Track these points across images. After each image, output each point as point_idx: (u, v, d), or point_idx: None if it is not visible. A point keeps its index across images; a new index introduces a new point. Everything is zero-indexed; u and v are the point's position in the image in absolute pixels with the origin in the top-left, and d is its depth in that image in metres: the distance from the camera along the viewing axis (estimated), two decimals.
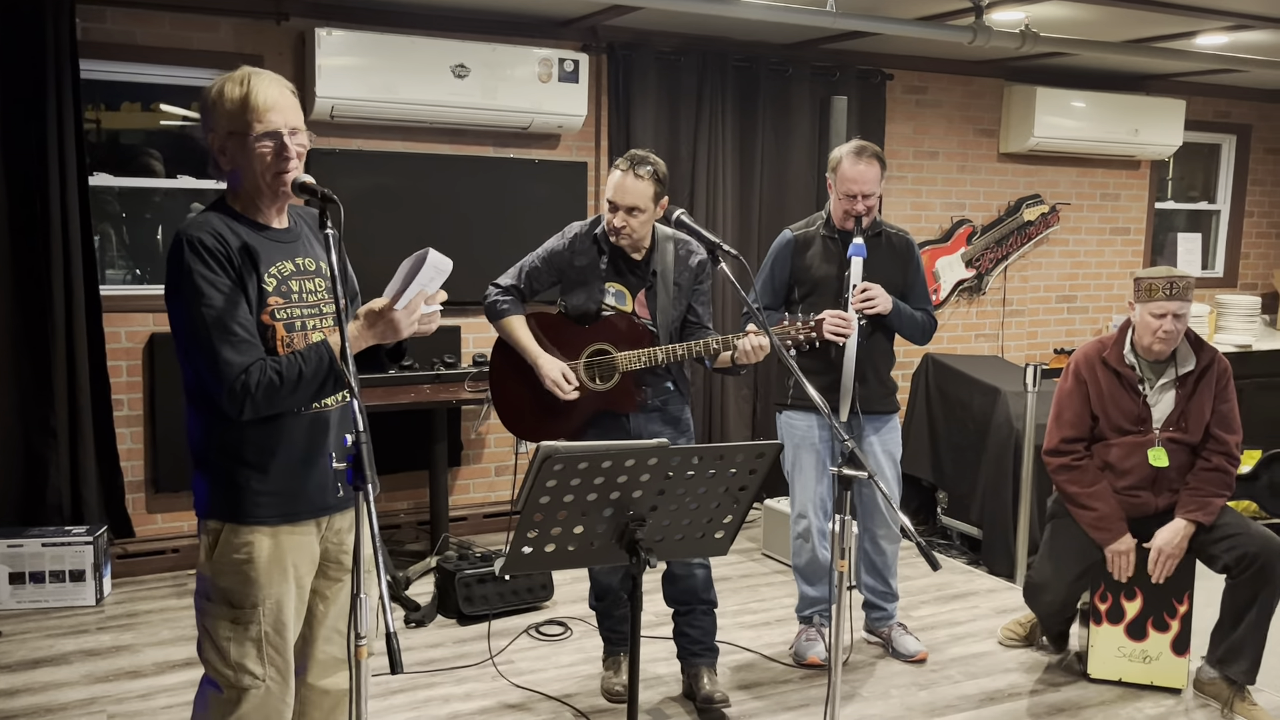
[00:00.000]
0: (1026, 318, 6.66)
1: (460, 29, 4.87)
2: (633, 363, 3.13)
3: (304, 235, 2.22)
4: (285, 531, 2.15)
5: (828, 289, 3.56)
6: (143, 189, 4.66)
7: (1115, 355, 3.49)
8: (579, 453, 1.97)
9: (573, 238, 3.25)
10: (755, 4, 4.48)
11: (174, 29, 4.47)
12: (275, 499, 2.13)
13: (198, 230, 2.05)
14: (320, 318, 2.17)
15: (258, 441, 2.11)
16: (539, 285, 3.28)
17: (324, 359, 2.04)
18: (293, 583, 2.17)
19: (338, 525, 2.25)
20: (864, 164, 3.47)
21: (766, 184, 5.62)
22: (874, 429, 3.66)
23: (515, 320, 3.23)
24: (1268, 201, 7.49)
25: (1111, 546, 3.44)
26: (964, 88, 6.22)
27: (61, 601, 4.15)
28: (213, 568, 2.13)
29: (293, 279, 2.14)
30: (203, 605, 2.17)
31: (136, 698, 3.41)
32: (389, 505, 5.04)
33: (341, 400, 2.21)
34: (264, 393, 2.01)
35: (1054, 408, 3.58)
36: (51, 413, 4.27)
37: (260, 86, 2.06)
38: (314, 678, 2.30)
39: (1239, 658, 3.37)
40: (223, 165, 2.10)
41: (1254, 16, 4.85)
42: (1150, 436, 3.44)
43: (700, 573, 3.32)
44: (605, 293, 3.20)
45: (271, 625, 2.14)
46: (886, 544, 3.79)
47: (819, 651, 3.71)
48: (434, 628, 4.02)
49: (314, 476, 2.17)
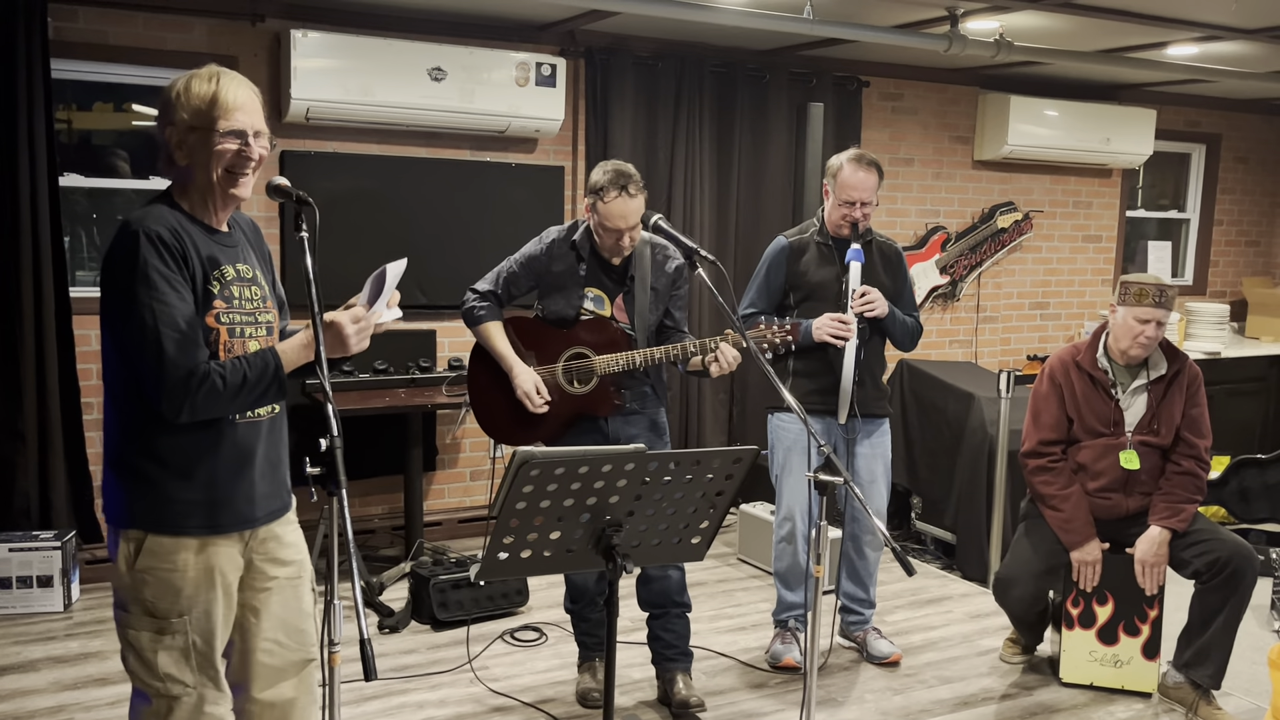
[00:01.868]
0: (1000, 324, 6.71)
1: (437, 32, 4.85)
2: (611, 366, 3.13)
3: (241, 241, 2.17)
4: (211, 542, 2.09)
5: (825, 294, 3.58)
6: (114, 190, 4.61)
7: (1088, 359, 3.53)
8: (556, 458, 1.97)
9: (550, 243, 3.25)
10: (733, 10, 4.50)
11: (147, 29, 4.43)
12: (201, 509, 2.06)
13: (154, 224, 2.00)
14: (255, 325, 2.13)
15: (185, 448, 2.04)
16: (517, 291, 3.28)
17: (269, 366, 2.00)
18: (220, 591, 2.10)
19: (262, 536, 2.19)
20: (864, 171, 3.52)
21: (743, 189, 5.63)
22: (868, 433, 3.68)
23: (492, 326, 3.23)
24: (1236, 210, 7.60)
25: (1077, 554, 3.47)
26: (939, 95, 6.27)
27: (29, 607, 4.09)
28: (133, 578, 2.06)
29: (234, 284, 2.10)
30: (122, 617, 2.09)
31: (105, 705, 3.37)
32: (363, 510, 5.01)
33: (274, 411, 2.16)
34: (205, 396, 1.96)
35: (1030, 410, 3.61)
36: (20, 416, 4.21)
37: (229, 85, 2.03)
38: (257, 691, 2.24)
39: (1206, 661, 3.41)
40: (178, 160, 2.05)
41: (1224, 28, 4.92)
42: (1122, 439, 3.48)
43: (675, 575, 3.32)
44: (584, 298, 3.20)
45: (199, 634, 2.09)
46: (870, 550, 3.81)
47: (794, 655, 3.72)
48: (408, 634, 3.99)
49: (241, 487, 2.11)
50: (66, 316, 4.27)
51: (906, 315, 3.67)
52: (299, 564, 2.27)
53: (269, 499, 2.18)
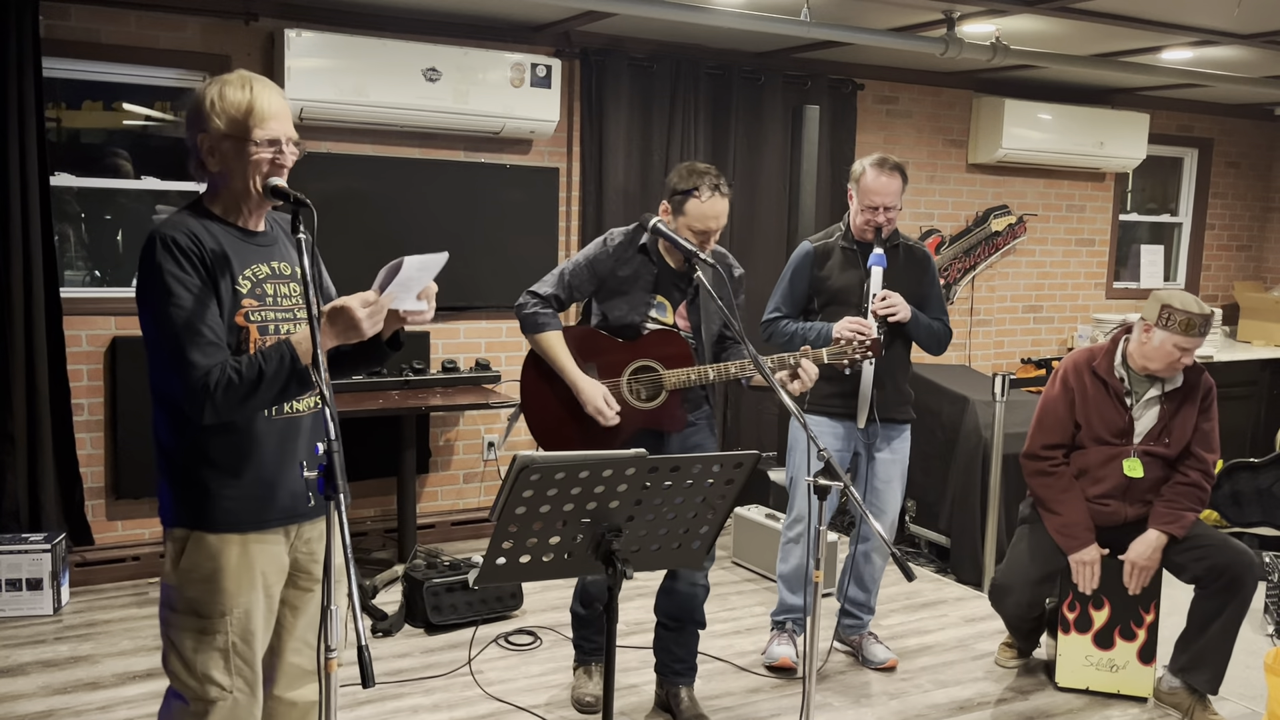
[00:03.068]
0: (993, 327, 6.72)
1: (432, 32, 4.83)
2: (682, 381, 3.04)
3: (280, 239, 2.20)
4: (254, 540, 2.11)
5: (848, 298, 3.57)
6: (103, 189, 4.58)
7: (1105, 365, 3.49)
8: (556, 462, 1.95)
9: (616, 245, 3.12)
10: (730, 12, 4.49)
11: (140, 28, 4.39)
12: (245, 506, 2.09)
13: (171, 229, 2.02)
14: (295, 322, 2.14)
15: (228, 446, 2.07)
16: (580, 295, 3.14)
17: (285, 358, 2.00)
18: (261, 591, 2.13)
19: (307, 534, 2.21)
20: (886, 176, 3.51)
21: (738, 191, 5.62)
22: (888, 439, 3.67)
23: (554, 336, 3.07)
24: (1228, 215, 7.62)
25: (1076, 556, 3.46)
26: (934, 98, 6.27)
27: (18, 611, 4.05)
28: (179, 577, 2.09)
29: (268, 282, 2.11)
30: (167, 616, 2.12)
31: (96, 710, 3.33)
32: (356, 512, 4.98)
33: (314, 406, 2.17)
34: (224, 394, 1.96)
35: (1038, 412, 3.58)
36: (10, 417, 4.17)
37: (263, 93, 2.04)
38: (281, 689, 2.27)
39: (1203, 666, 3.40)
40: (210, 167, 2.06)
41: (1218, 32, 4.93)
42: (1128, 448, 3.46)
43: (700, 592, 3.25)
44: (650, 304, 3.11)
45: (239, 635, 2.10)
46: (878, 556, 3.79)
47: (790, 654, 3.70)
48: (401, 637, 3.96)
49: (285, 483, 2.13)
50: (57, 317, 4.23)
51: (934, 319, 3.64)
52: (340, 567, 2.25)
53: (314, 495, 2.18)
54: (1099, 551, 3.47)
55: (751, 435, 5.70)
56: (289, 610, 2.23)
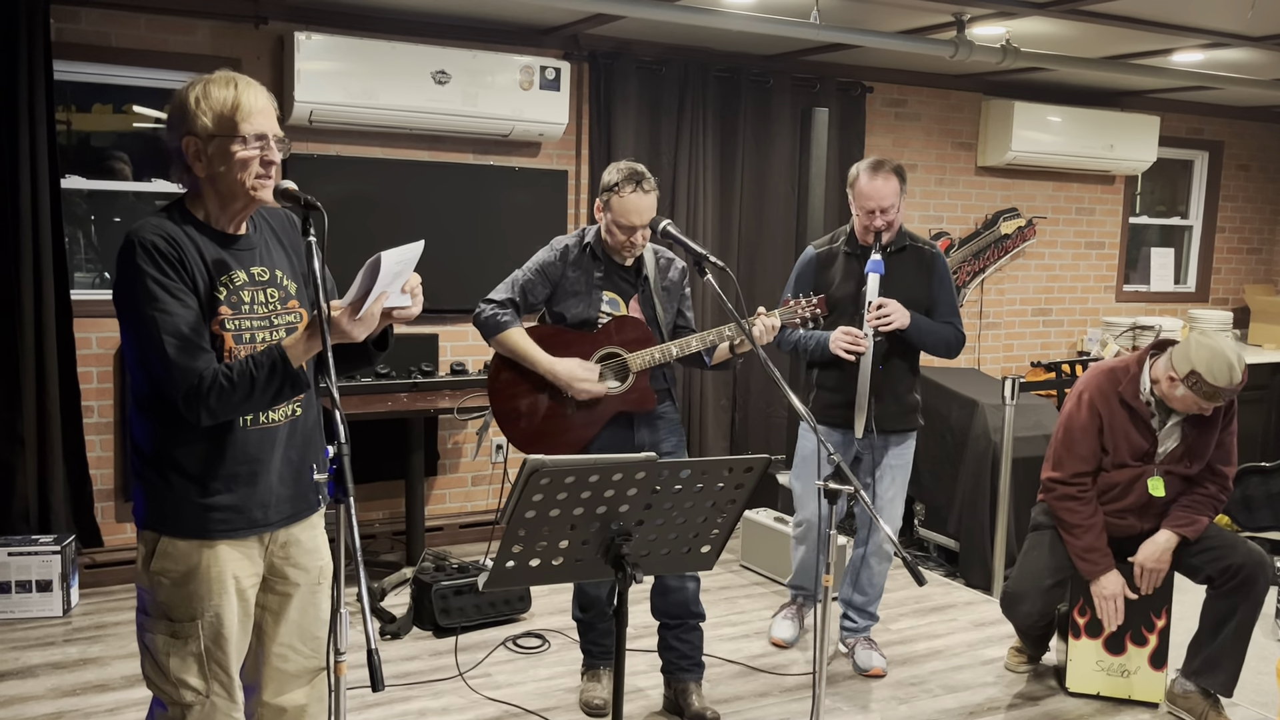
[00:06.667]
0: (1003, 330, 6.70)
1: (441, 35, 4.83)
2: (646, 361, 3.11)
3: (262, 243, 2.16)
4: (224, 545, 2.09)
5: (846, 307, 3.56)
6: (114, 192, 4.59)
7: (1131, 391, 3.41)
8: (566, 466, 1.94)
9: (563, 249, 3.21)
10: (739, 15, 4.48)
11: (150, 30, 4.41)
12: (214, 514, 2.07)
13: (150, 233, 1.99)
14: (271, 329, 2.12)
15: (200, 454, 2.06)
16: (534, 298, 3.20)
17: (276, 361, 1.99)
18: (234, 595, 2.11)
19: (282, 540, 2.19)
20: (880, 179, 3.49)
21: (747, 194, 5.62)
22: (887, 447, 3.65)
23: (517, 332, 3.14)
24: (1239, 217, 7.59)
25: (1097, 589, 3.44)
26: (943, 101, 6.26)
27: (27, 612, 4.06)
28: (150, 579, 2.09)
29: (245, 289, 2.09)
30: (142, 620, 2.12)
31: (105, 712, 3.34)
32: (364, 515, 4.98)
33: (291, 415, 2.16)
34: (216, 398, 1.96)
35: (1065, 436, 3.49)
36: (19, 419, 4.18)
37: (248, 91, 2.02)
38: (269, 695, 2.25)
39: (1217, 670, 3.38)
40: (197, 170, 2.04)
41: (1230, 35, 4.91)
42: (1151, 467, 3.43)
43: (691, 586, 3.30)
44: (601, 301, 3.18)
45: (211, 639, 2.09)
46: (876, 561, 3.78)
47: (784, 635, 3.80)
48: (409, 640, 3.96)
49: (256, 494, 2.11)
50: (67, 319, 4.24)
51: (944, 322, 3.60)
52: (320, 570, 2.26)
53: (288, 502, 2.17)
54: (1121, 582, 3.44)
55: (760, 439, 5.69)
56: (269, 615, 2.21)
